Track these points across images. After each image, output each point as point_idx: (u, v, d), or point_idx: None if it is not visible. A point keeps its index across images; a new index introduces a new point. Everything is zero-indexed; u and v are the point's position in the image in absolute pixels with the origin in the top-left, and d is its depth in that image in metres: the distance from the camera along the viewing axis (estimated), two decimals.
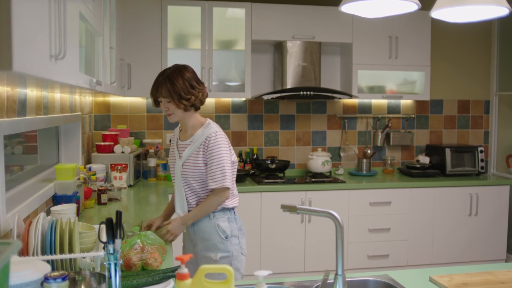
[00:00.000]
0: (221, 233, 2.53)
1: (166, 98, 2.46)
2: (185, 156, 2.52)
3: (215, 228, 2.52)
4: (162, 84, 2.45)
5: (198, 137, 2.51)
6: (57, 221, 1.91)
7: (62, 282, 1.38)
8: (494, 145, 5.43)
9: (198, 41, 4.48)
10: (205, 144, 2.48)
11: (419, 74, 4.96)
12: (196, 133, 2.53)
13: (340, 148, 5.16)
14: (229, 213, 2.59)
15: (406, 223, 4.60)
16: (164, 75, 2.47)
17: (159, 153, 4.61)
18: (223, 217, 2.56)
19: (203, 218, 2.53)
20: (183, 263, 1.47)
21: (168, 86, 2.44)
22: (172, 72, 2.47)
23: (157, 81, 2.48)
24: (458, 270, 2.10)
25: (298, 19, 4.60)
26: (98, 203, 3.38)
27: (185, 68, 2.52)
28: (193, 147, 2.50)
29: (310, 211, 1.80)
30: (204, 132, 2.50)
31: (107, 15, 3.17)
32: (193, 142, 2.52)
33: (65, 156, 3.66)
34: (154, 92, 2.49)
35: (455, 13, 2.12)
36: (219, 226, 2.53)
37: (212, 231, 2.52)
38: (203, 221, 2.54)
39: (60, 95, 3.17)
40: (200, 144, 2.49)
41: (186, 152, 2.52)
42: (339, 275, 1.62)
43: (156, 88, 2.48)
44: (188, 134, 2.57)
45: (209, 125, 2.55)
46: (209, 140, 2.48)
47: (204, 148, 2.48)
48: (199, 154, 2.49)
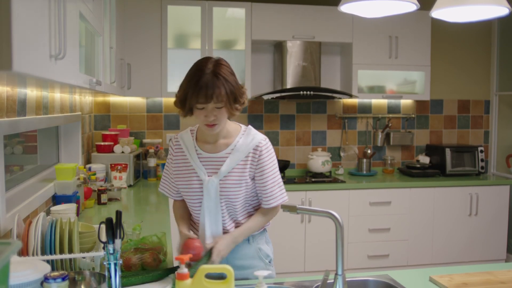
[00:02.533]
0: (265, 257, 2.15)
1: (220, 103, 1.87)
2: (225, 171, 1.99)
3: (257, 253, 2.12)
4: (218, 84, 1.84)
5: (241, 146, 2.01)
6: (57, 221, 1.91)
7: (62, 282, 1.38)
8: (494, 145, 5.43)
9: (198, 41, 4.48)
10: (254, 154, 2.01)
11: (419, 74, 4.96)
12: (237, 142, 2.02)
13: (340, 148, 5.16)
14: (265, 233, 2.21)
15: (406, 223, 4.60)
16: (209, 71, 1.87)
17: (159, 153, 4.61)
18: (262, 239, 2.17)
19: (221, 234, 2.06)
20: (182, 263, 1.47)
21: (226, 86, 1.86)
22: (218, 66, 1.89)
23: (205, 81, 1.84)
24: (458, 270, 2.10)
25: (298, 19, 4.60)
26: (98, 203, 3.38)
27: (223, 61, 1.97)
28: (236, 159, 2.00)
29: (310, 211, 1.80)
30: (248, 140, 2.02)
31: (107, 14, 3.17)
32: (233, 153, 2.01)
33: (65, 156, 3.66)
34: (205, 97, 1.84)
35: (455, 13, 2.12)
36: (261, 250, 2.14)
37: (254, 256, 2.12)
38: (241, 245, 2.08)
39: (60, 95, 3.17)
40: (247, 155, 2.01)
41: (225, 167, 1.99)
42: (339, 275, 1.62)
43: (208, 92, 1.84)
44: (221, 144, 2.03)
45: (251, 131, 2.07)
46: (260, 149, 2.02)
47: (252, 160, 2.01)
48: (246, 167, 2.01)
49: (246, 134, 2.05)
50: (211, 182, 1.98)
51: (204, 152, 2.03)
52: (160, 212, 3.30)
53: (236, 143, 2.02)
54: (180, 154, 2.09)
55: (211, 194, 1.99)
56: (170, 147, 2.15)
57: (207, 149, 2.04)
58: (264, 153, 2.02)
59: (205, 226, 2.02)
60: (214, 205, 2.00)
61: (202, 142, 2.06)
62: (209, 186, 1.98)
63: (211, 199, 2.00)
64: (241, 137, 2.04)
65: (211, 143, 2.04)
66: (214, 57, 1.96)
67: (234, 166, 2.00)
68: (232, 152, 2.01)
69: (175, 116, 4.82)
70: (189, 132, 2.10)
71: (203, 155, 2.03)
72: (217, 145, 2.04)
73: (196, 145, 2.06)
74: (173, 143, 2.13)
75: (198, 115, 1.90)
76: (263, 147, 2.02)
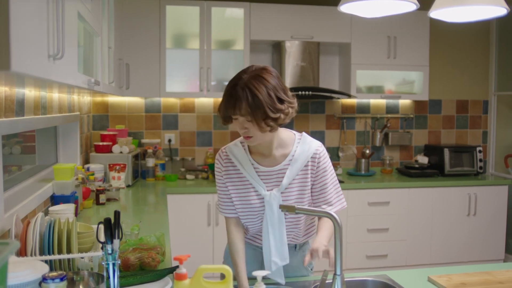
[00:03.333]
0: (309, 265, 2.12)
1: (246, 117, 1.75)
2: (286, 183, 1.91)
3: (301, 262, 2.05)
4: (241, 97, 1.72)
5: (299, 156, 1.92)
6: (55, 221, 1.91)
7: (60, 282, 1.38)
8: (493, 145, 5.43)
9: (197, 41, 4.48)
10: (313, 162, 1.94)
11: (418, 74, 4.96)
12: (294, 152, 1.93)
13: (338, 148, 5.16)
14: (309, 242, 2.14)
15: (405, 223, 4.60)
16: (240, 83, 1.75)
17: (158, 153, 4.61)
18: (307, 247, 2.12)
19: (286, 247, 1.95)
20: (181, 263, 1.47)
21: (250, 100, 1.72)
22: (251, 78, 1.75)
23: (232, 92, 1.75)
24: (457, 270, 2.10)
25: (296, 19, 4.60)
26: (97, 203, 3.38)
27: (267, 71, 1.79)
28: (296, 169, 1.92)
29: (308, 211, 1.80)
30: (305, 149, 1.94)
31: (106, 14, 3.16)
32: (292, 164, 1.92)
33: (63, 156, 3.66)
34: (230, 108, 1.76)
35: (453, 13, 2.12)
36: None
37: (299, 265, 2.06)
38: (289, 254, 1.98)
39: (58, 95, 3.17)
40: (306, 164, 1.93)
41: (286, 179, 1.91)
42: (338, 275, 1.62)
43: (231, 103, 1.75)
44: (279, 156, 1.94)
45: (306, 139, 1.98)
46: (319, 157, 1.95)
47: (312, 168, 1.94)
48: (307, 176, 1.94)
49: (302, 142, 1.96)
50: (273, 196, 1.89)
51: (261, 166, 1.93)
52: (158, 212, 3.30)
53: (293, 153, 1.93)
54: (233, 169, 1.96)
55: (274, 209, 1.90)
56: (218, 162, 1.99)
57: (265, 163, 1.93)
58: (322, 159, 1.96)
59: (270, 242, 1.91)
60: (277, 220, 1.91)
61: (257, 154, 1.94)
62: (271, 201, 1.89)
63: (274, 213, 1.90)
64: (297, 146, 1.95)
65: (266, 154, 1.93)
66: (260, 66, 1.82)
67: (295, 177, 1.93)
68: (290, 163, 1.92)
69: (174, 116, 4.82)
70: (239, 145, 1.97)
71: (261, 169, 1.93)
72: (275, 157, 1.93)
73: (251, 158, 1.94)
74: (222, 158, 1.98)
75: (234, 126, 1.83)
76: (321, 154, 1.96)
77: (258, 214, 1.94)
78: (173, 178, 4.51)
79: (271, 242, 1.91)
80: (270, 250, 1.91)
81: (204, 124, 4.88)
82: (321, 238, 1.85)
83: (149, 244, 2.11)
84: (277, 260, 1.91)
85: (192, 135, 4.87)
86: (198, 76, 4.47)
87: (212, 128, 4.90)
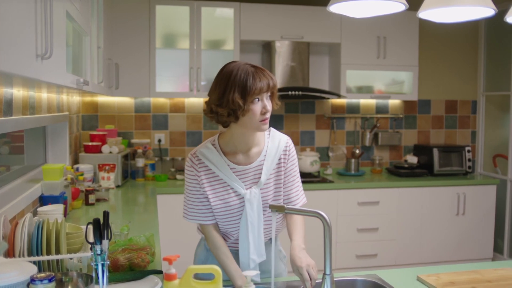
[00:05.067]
0: (283, 258, 2.16)
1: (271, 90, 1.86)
2: (264, 179, 1.93)
3: (278, 255, 2.11)
4: (266, 71, 1.85)
5: (271, 151, 1.96)
6: (43, 222, 1.90)
7: (48, 283, 1.36)
8: (481, 145, 5.47)
9: (187, 41, 4.47)
10: (285, 156, 1.98)
11: (407, 74, 4.98)
12: (266, 147, 1.97)
13: (328, 148, 5.17)
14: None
15: (394, 222, 4.62)
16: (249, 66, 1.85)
17: (147, 153, 4.59)
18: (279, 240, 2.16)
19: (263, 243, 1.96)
20: (170, 264, 1.46)
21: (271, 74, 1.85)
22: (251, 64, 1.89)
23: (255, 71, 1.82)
24: (446, 269, 2.12)
25: (286, 19, 4.60)
26: (86, 204, 3.36)
27: None
28: (271, 164, 1.95)
29: (298, 211, 1.80)
30: (276, 143, 1.98)
31: (95, 14, 3.15)
32: (266, 159, 1.95)
33: (52, 156, 3.64)
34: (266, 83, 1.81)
35: (442, 14, 2.13)
36: (281, 251, 2.13)
37: (276, 259, 2.09)
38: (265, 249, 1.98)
39: (47, 95, 3.15)
40: (279, 158, 1.97)
41: (264, 175, 1.92)
42: (327, 275, 1.62)
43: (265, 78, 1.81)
44: (254, 154, 1.95)
45: (275, 133, 2.03)
46: (289, 150, 2.00)
47: (284, 162, 1.98)
48: (281, 170, 1.97)
49: (271, 137, 2.00)
50: (253, 194, 1.90)
51: (238, 166, 1.92)
52: (148, 212, 3.29)
53: (266, 148, 1.96)
54: (209, 172, 1.92)
55: (254, 206, 1.90)
56: (191, 168, 1.93)
57: (240, 161, 1.93)
58: (292, 153, 2.01)
59: (249, 240, 1.91)
60: (256, 217, 1.91)
61: (231, 155, 1.93)
62: (252, 198, 1.89)
63: (253, 211, 1.90)
64: (268, 141, 1.98)
65: (243, 153, 1.94)
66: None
67: (271, 172, 1.95)
68: (265, 158, 1.94)
69: (164, 116, 4.81)
70: (211, 147, 1.94)
71: (238, 168, 1.92)
72: (250, 155, 1.94)
73: (226, 159, 1.91)
74: (195, 163, 1.93)
75: (255, 112, 1.81)
76: (290, 147, 2.01)
77: (237, 214, 1.93)
78: (163, 178, 4.50)
79: (250, 240, 1.91)
80: (249, 248, 1.91)
81: (194, 124, 4.87)
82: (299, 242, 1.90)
83: (139, 244, 2.10)
84: (255, 257, 1.92)
85: (182, 135, 4.86)
86: (188, 76, 4.46)
87: (202, 128, 4.89)
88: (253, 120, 1.82)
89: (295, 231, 1.96)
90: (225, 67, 1.90)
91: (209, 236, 1.95)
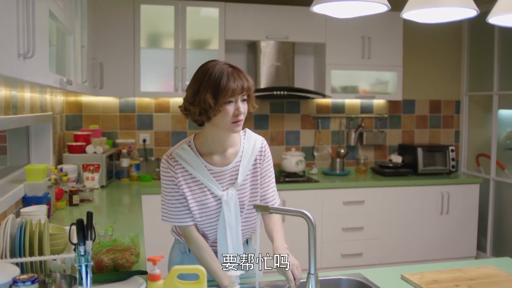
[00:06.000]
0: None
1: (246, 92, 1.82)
2: (241, 180, 1.93)
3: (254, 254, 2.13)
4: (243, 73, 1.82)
5: (247, 152, 1.96)
6: (26, 223, 1.88)
7: (31, 285, 1.35)
8: (465, 144, 5.53)
9: (172, 41, 4.45)
10: (260, 157, 1.98)
11: (392, 74, 5.01)
12: (242, 148, 1.96)
13: (313, 147, 5.19)
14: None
15: (379, 221, 4.64)
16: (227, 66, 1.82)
17: (132, 153, 4.57)
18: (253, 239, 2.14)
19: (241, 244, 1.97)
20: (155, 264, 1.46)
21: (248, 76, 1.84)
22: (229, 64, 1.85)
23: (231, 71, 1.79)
24: (429, 267, 2.13)
25: (271, 19, 4.61)
26: (70, 204, 3.34)
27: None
28: (247, 165, 1.95)
29: (282, 210, 1.81)
30: (251, 144, 1.97)
31: (79, 13, 3.12)
32: (243, 160, 1.94)
33: (35, 156, 3.61)
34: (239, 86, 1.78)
35: (425, 14, 2.15)
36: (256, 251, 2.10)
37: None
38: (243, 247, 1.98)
39: (30, 95, 3.12)
40: (255, 159, 1.97)
41: (241, 176, 1.92)
42: (312, 274, 1.63)
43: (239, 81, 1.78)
44: (230, 155, 1.94)
45: (251, 134, 2.02)
46: (264, 150, 2.01)
47: (260, 163, 1.98)
48: (256, 171, 1.97)
49: (247, 138, 1.98)
50: (231, 195, 1.89)
51: (215, 167, 1.90)
52: (133, 213, 3.27)
53: (242, 149, 1.95)
54: (186, 174, 1.89)
55: (231, 207, 1.90)
56: (168, 170, 1.90)
57: (217, 163, 1.91)
58: (267, 154, 2.01)
59: (227, 242, 1.90)
60: (234, 218, 1.91)
61: (208, 156, 1.91)
62: (229, 200, 1.89)
63: (231, 212, 1.90)
64: (244, 142, 1.97)
65: (219, 153, 1.92)
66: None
67: (247, 173, 1.95)
68: (241, 159, 1.93)
69: (148, 116, 4.79)
70: (187, 148, 1.91)
71: (215, 170, 1.90)
72: (226, 156, 1.93)
73: (203, 160, 1.89)
74: (172, 165, 1.89)
75: (227, 113, 1.77)
76: (265, 148, 2.01)
77: (215, 215, 1.92)
78: (148, 178, 4.48)
79: (229, 242, 1.90)
80: (228, 249, 1.90)
81: (179, 124, 4.86)
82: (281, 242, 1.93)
83: (123, 245, 2.09)
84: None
85: (167, 135, 4.84)
86: (173, 75, 4.45)
87: (187, 128, 4.88)
88: (225, 120, 1.79)
89: (274, 231, 1.98)
90: (203, 65, 1.88)
91: (190, 237, 1.93)
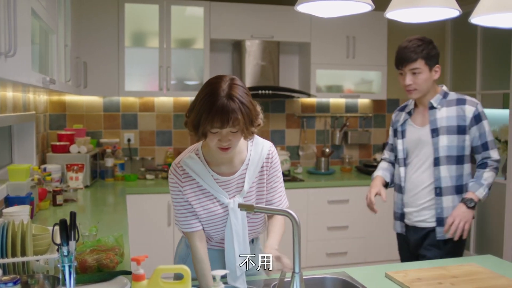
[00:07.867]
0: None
1: (236, 127, 1.71)
2: (247, 188, 1.91)
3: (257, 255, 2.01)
4: (234, 108, 1.67)
5: (254, 159, 1.93)
6: (9, 224, 1.86)
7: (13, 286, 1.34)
8: None
9: (156, 40, 4.43)
10: (267, 163, 1.96)
11: (376, 73, 5.04)
12: (249, 155, 1.93)
13: (298, 147, 5.20)
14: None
15: (364, 220, 4.66)
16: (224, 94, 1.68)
17: (117, 152, 4.54)
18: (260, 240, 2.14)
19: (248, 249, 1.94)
20: (138, 264, 1.45)
21: (242, 109, 1.69)
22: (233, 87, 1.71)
23: (222, 104, 1.67)
24: (413, 266, 2.15)
25: (257, 18, 4.61)
26: (54, 204, 3.31)
27: (236, 79, 1.77)
28: (253, 172, 1.92)
29: (267, 210, 1.81)
30: (259, 150, 1.94)
31: (62, 12, 3.10)
32: (249, 168, 1.92)
33: (18, 156, 3.57)
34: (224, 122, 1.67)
35: (408, 14, 2.17)
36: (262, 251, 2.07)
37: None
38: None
39: (12, 94, 3.09)
40: (262, 166, 1.94)
41: (247, 184, 1.90)
42: (297, 273, 1.63)
43: (225, 117, 1.67)
44: (237, 163, 1.92)
45: (258, 140, 1.98)
46: (272, 157, 1.98)
47: (267, 169, 1.96)
48: (263, 177, 1.95)
49: (254, 145, 1.95)
50: (237, 203, 1.85)
51: (221, 176, 1.88)
52: (117, 213, 3.26)
53: (249, 156, 1.92)
54: (193, 182, 1.89)
55: (238, 215, 1.88)
56: (175, 178, 1.91)
57: (224, 172, 1.89)
58: (275, 160, 1.98)
59: (235, 248, 1.89)
60: (241, 224, 1.90)
61: (215, 165, 1.89)
62: (235, 207, 1.86)
63: (238, 220, 1.89)
64: (251, 149, 1.94)
65: (226, 163, 1.89)
66: (228, 76, 1.76)
67: (253, 180, 1.93)
68: (248, 167, 1.91)
69: (133, 116, 4.76)
70: (195, 157, 1.89)
71: (221, 179, 1.88)
72: (233, 164, 1.91)
73: (210, 169, 1.88)
74: (179, 173, 1.90)
75: (211, 139, 1.74)
76: (273, 154, 1.98)
77: (222, 221, 1.92)
78: (133, 178, 4.46)
79: (236, 249, 1.89)
80: (235, 257, 1.88)
81: (164, 124, 4.84)
82: (272, 243, 1.90)
83: (107, 245, 2.08)
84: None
85: (151, 135, 4.82)
86: (158, 75, 4.43)
87: (172, 128, 4.86)
88: (211, 145, 1.78)
89: (271, 232, 1.97)
90: (208, 81, 1.79)
91: (192, 247, 1.91)
